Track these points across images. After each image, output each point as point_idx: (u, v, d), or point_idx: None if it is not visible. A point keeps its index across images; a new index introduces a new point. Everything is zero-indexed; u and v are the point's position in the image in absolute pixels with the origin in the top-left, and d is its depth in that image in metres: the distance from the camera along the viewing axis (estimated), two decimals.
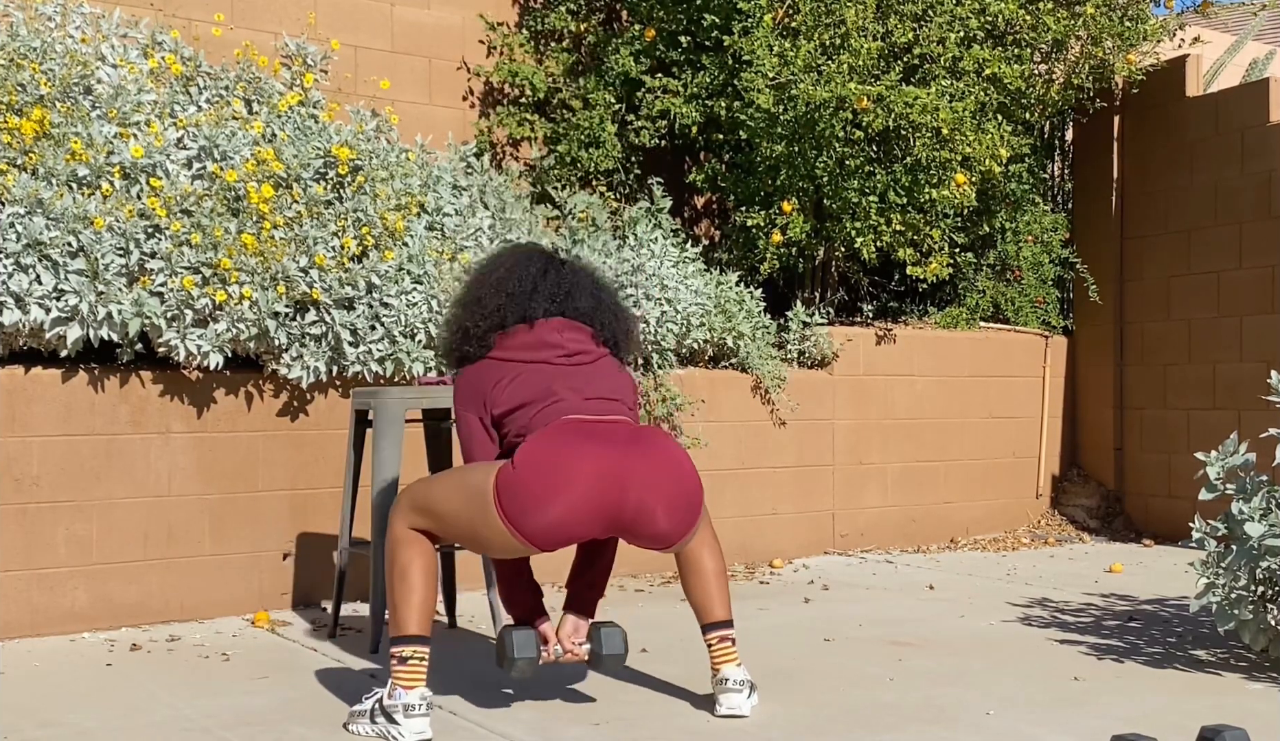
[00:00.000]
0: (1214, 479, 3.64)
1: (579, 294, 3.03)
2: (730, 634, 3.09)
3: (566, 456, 2.76)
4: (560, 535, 2.79)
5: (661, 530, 2.87)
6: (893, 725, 2.99)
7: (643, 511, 2.82)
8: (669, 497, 2.85)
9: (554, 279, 3.03)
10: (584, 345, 3.00)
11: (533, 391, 2.90)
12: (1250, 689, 3.36)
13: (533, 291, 3.00)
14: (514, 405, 2.90)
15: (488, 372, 2.95)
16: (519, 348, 2.96)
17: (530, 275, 3.02)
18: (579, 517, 2.78)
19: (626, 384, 3.03)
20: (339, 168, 4.68)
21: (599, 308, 3.06)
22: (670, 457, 2.88)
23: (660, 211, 5.80)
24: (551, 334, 2.97)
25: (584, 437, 2.81)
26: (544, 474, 2.74)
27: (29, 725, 2.98)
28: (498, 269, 3.06)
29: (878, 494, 6.14)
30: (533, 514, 2.74)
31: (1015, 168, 6.34)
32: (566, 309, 3.00)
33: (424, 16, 6.20)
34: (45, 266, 3.96)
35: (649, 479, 2.82)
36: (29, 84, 4.40)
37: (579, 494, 2.75)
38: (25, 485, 4.00)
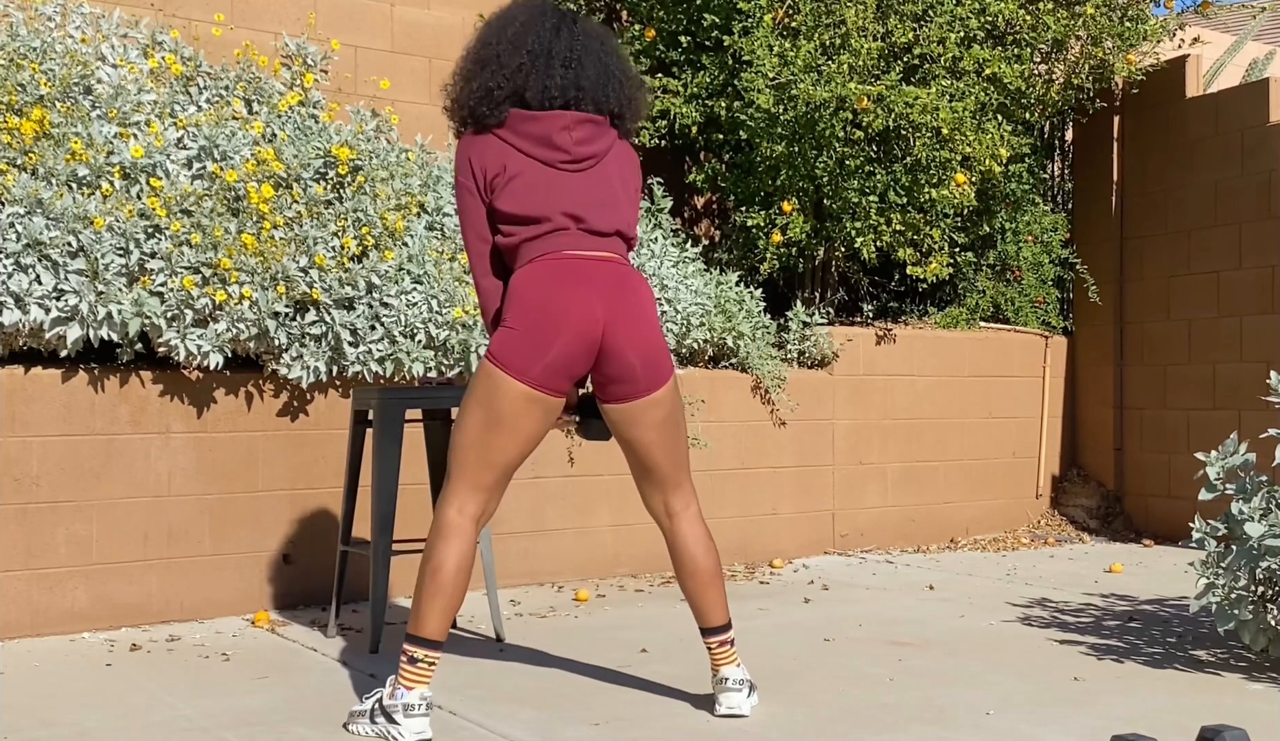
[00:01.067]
0: (1214, 479, 3.64)
1: (589, 58, 3.00)
2: (729, 637, 3.09)
3: (555, 304, 2.85)
4: (560, 375, 2.87)
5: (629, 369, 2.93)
6: (893, 725, 2.99)
7: (614, 349, 2.91)
8: (641, 345, 2.94)
9: (567, 38, 2.99)
10: (591, 145, 2.97)
11: (532, 204, 2.90)
12: (1250, 689, 3.36)
13: (549, 52, 2.96)
14: (512, 211, 2.90)
15: (493, 152, 2.93)
16: (528, 138, 2.93)
17: (545, 33, 2.99)
18: (572, 357, 2.87)
19: (630, 187, 3.04)
20: (339, 168, 4.68)
21: (605, 73, 3.02)
22: (645, 312, 2.96)
23: (660, 211, 5.80)
24: (561, 133, 2.94)
25: (572, 281, 2.88)
26: (536, 327, 2.84)
27: (29, 725, 2.98)
28: (513, 23, 3.01)
29: (878, 494, 6.14)
30: (534, 363, 2.84)
31: (1015, 168, 6.34)
32: (579, 75, 2.97)
33: (424, 16, 6.20)
34: (45, 266, 3.96)
35: (625, 323, 2.91)
36: (29, 84, 4.40)
37: (568, 339, 2.85)
38: (25, 485, 4.00)
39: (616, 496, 5.21)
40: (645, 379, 2.96)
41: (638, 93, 3.11)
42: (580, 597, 4.70)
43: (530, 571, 5.01)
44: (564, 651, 3.79)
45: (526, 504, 4.99)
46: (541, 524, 5.05)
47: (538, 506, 5.03)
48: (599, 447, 5.09)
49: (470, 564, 2.89)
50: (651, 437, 3.01)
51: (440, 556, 2.86)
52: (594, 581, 5.14)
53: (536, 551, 5.04)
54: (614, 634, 4.06)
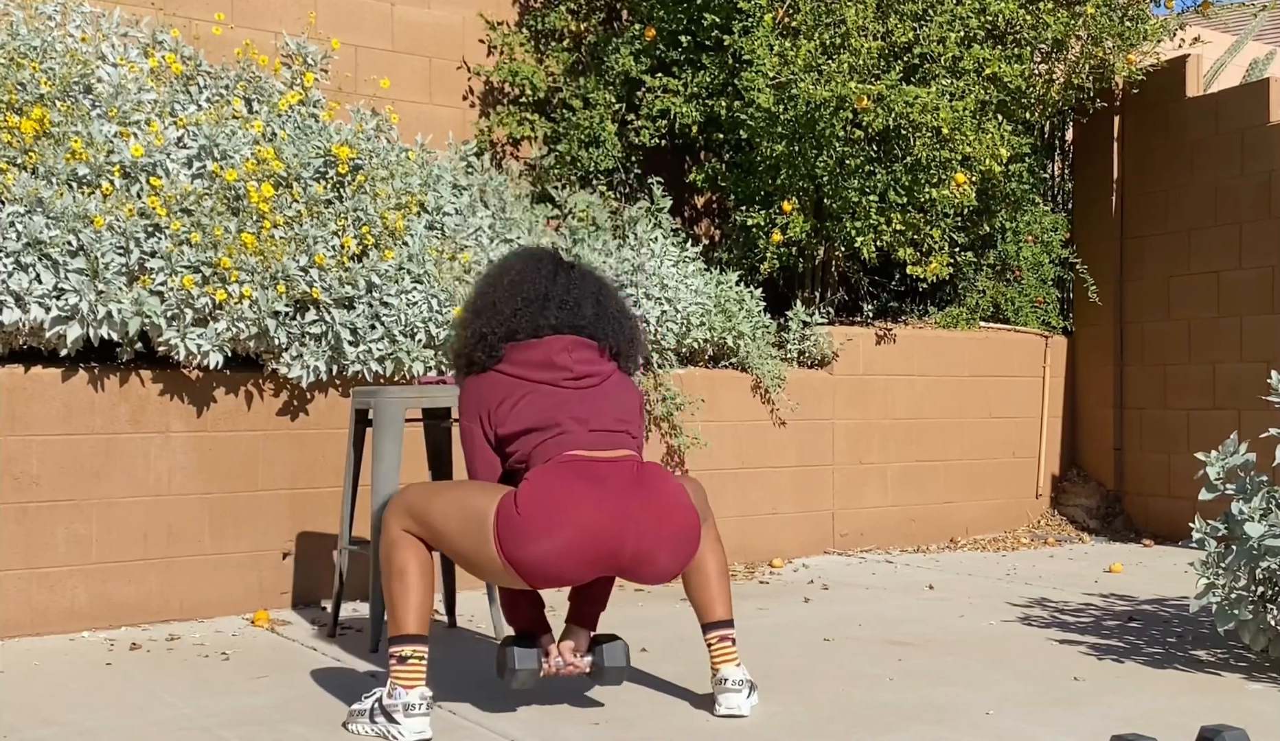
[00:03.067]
0: (1214, 479, 3.64)
1: (585, 300, 3.03)
2: (730, 633, 3.09)
3: (567, 503, 2.77)
4: (555, 578, 2.81)
5: (660, 570, 2.89)
6: (893, 725, 2.99)
7: (641, 556, 2.84)
8: (669, 539, 2.87)
9: (564, 283, 3.03)
10: (592, 366, 2.99)
11: (538, 417, 2.89)
12: (1250, 689, 3.36)
13: (545, 296, 3.00)
14: (519, 429, 2.89)
15: (495, 388, 2.95)
16: (527, 365, 2.95)
17: (541, 279, 3.02)
18: (575, 563, 2.79)
19: (633, 406, 3.02)
20: (339, 167, 4.68)
21: (602, 315, 3.05)
22: (669, 501, 2.89)
23: (660, 211, 5.80)
24: (561, 354, 2.96)
25: (586, 481, 2.81)
26: (544, 518, 2.75)
27: (29, 724, 2.98)
28: (509, 273, 3.06)
29: (878, 494, 6.15)
30: (529, 554, 2.75)
31: (1015, 167, 6.33)
32: (575, 317, 3.00)
33: (424, 16, 6.20)
34: (45, 265, 3.96)
35: (648, 525, 2.84)
36: (29, 83, 4.40)
37: (576, 541, 2.77)
38: (25, 484, 4.00)
39: None
40: (682, 564, 2.94)
41: (637, 332, 3.13)
42: None
43: None
44: None
45: None
46: None
47: None
48: None
49: (430, 563, 2.91)
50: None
51: (400, 561, 2.88)
52: None
53: None
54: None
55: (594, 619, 3.11)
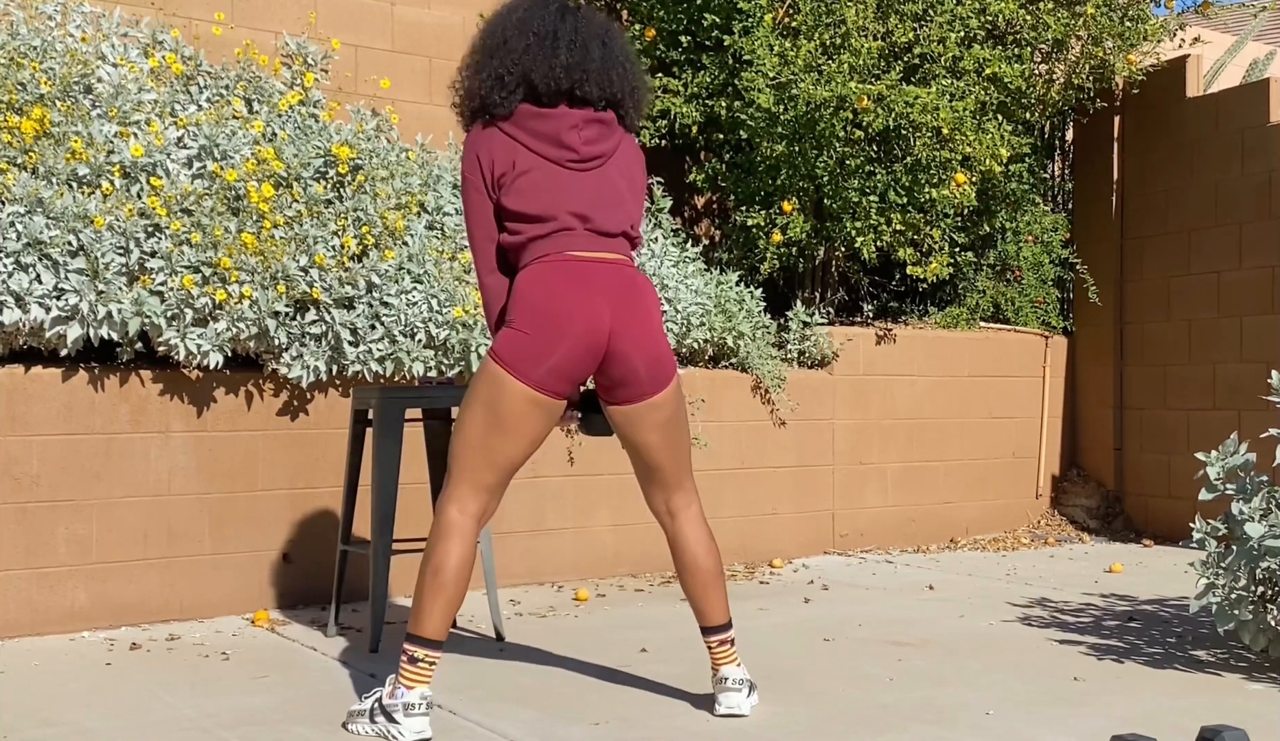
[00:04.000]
0: (1214, 479, 3.64)
1: (592, 41, 3.01)
2: (729, 636, 3.09)
3: (561, 307, 2.86)
4: (564, 378, 2.88)
5: (635, 370, 2.94)
6: (893, 725, 2.99)
7: (618, 354, 2.92)
8: (647, 351, 2.95)
9: (571, 23, 3.00)
10: (599, 145, 2.98)
11: (539, 204, 2.91)
12: (1250, 689, 3.36)
13: (555, 34, 2.97)
14: (518, 210, 2.91)
15: (503, 147, 2.93)
16: (537, 135, 2.93)
17: (550, 17, 3.00)
18: (576, 360, 2.88)
19: (636, 186, 3.05)
20: (339, 167, 4.68)
21: (609, 57, 3.02)
22: (651, 321, 2.97)
23: (660, 211, 5.80)
24: (569, 133, 2.94)
25: (578, 283, 2.88)
26: (541, 329, 2.85)
27: (29, 724, 2.98)
28: (516, 11, 3.03)
29: (877, 494, 6.14)
30: (539, 365, 2.85)
31: (1015, 167, 6.34)
32: (584, 58, 2.97)
33: (424, 16, 6.20)
34: (45, 265, 3.96)
35: (629, 328, 2.92)
36: (29, 83, 4.40)
37: (573, 342, 2.86)
38: (25, 484, 4.00)
39: (616, 496, 5.20)
40: (649, 382, 2.96)
41: (641, 79, 3.13)
42: (580, 597, 4.70)
43: (530, 571, 5.01)
44: (564, 651, 3.79)
45: (526, 503, 4.99)
46: (541, 523, 5.05)
47: (538, 506, 5.03)
48: (599, 447, 5.09)
49: (471, 563, 2.89)
50: (655, 439, 3.01)
51: (441, 556, 2.86)
52: (594, 581, 5.14)
53: (536, 551, 5.04)
54: (614, 633, 4.06)
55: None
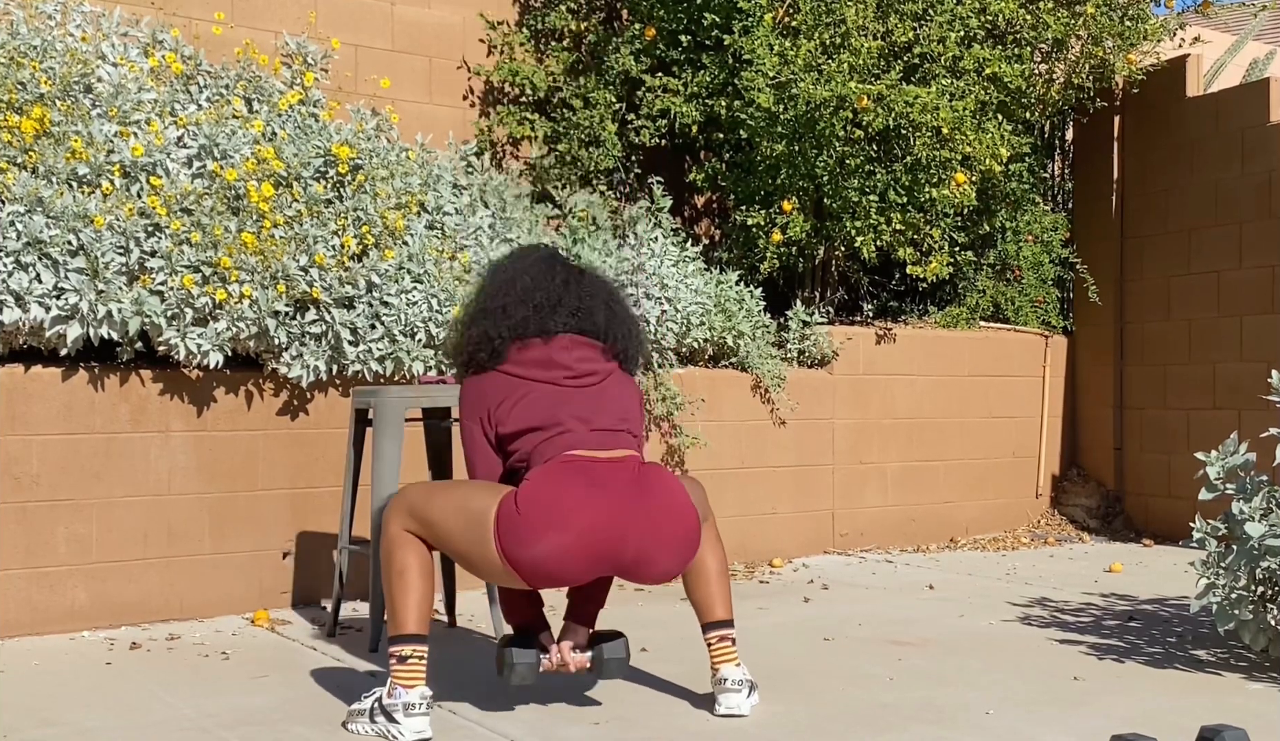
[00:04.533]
0: (1214, 479, 3.64)
1: (597, 308, 3.03)
2: (730, 633, 3.09)
3: (568, 503, 2.77)
4: (556, 578, 2.82)
5: (660, 571, 2.90)
6: (893, 725, 2.99)
7: (642, 557, 2.84)
8: (670, 541, 2.87)
9: (575, 291, 3.03)
10: (593, 365, 2.99)
11: (539, 416, 2.89)
12: (1250, 689, 3.36)
13: (557, 304, 2.99)
14: (519, 428, 2.89)
15: (495, 388, 2.95)
16: (529, 364, 2.95)
17: (555, 286, 3.01)
18: (576, 563, 2.79)
19: (633, 404, 3.03)
20: (339, 166, 4.68)
21: (613, 321, 3.06)
22: (670, 502, 2.89)
23: (660, 210, 5.80)
24: (561, 353, 2.96)
25: (586, 482, 2.81)
26: (545, 517, 2.75)
27: (29, 724, 2.98)
28: (522, 277, 3.03)
29: (877, 493, 6.14)
30: (530, 555, 2.75)
31: (1015, 167, 6.34)
32: (585, 324, 3.00)
33: (424, 15, 6.20)
34: (45, 265, 3.96)
35: (649, 526, 2.84)
36: (29, 82, 4.40)
37: (577, 541, 2.77)
38: (25, 484, 4.00)
39: None
40: (682, 564, 2.94)
41: (643, 339, 3.15)
42: None
43: None
44: None
45: None
46: None
47: None
48: None
49: (431, 562, 2.91)
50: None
51: (401, 560, 2.88)
52: None
53: None
54: None
55: (593, 617, 3.11)
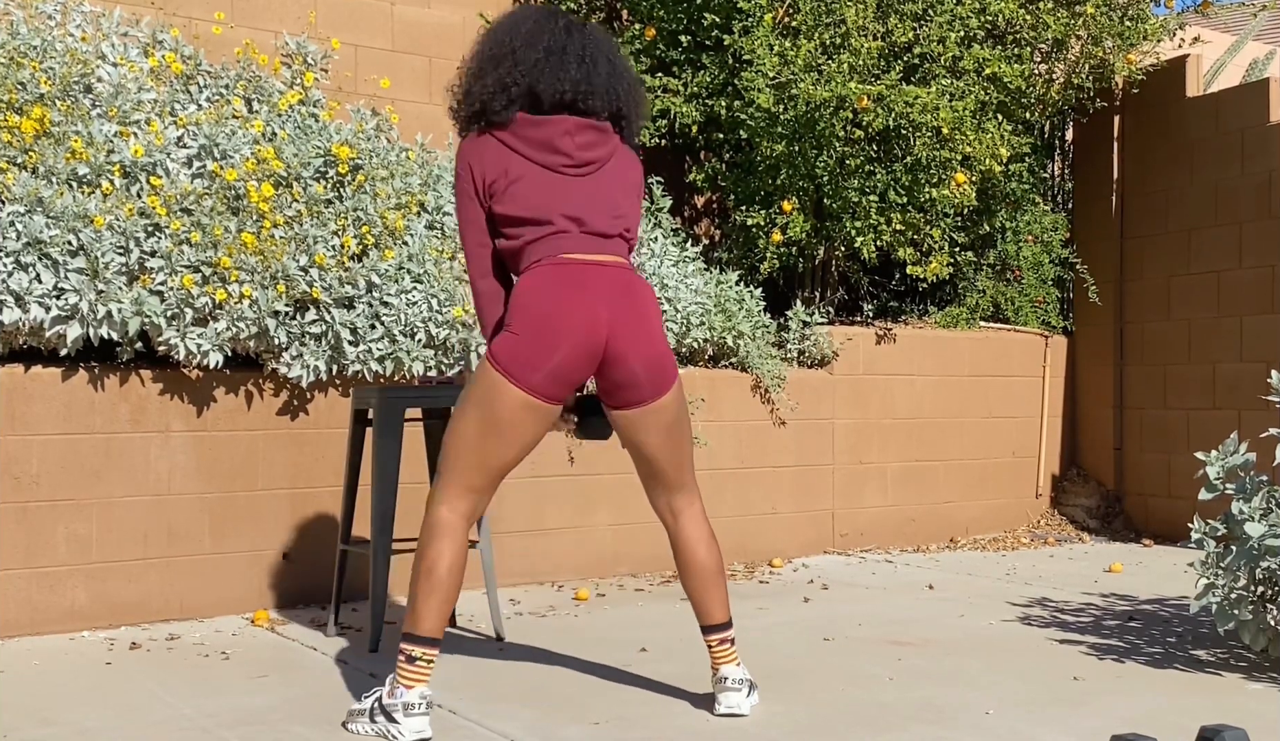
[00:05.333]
0: (1214, 479, 3.63)
1: (599, 58, 3.01)
2: (729, 635, 3.09)
3: (559, 311, 2.84)
4: (560, 383, 2.87)
5: (635, 374, 2.93)
6: (892, 725, 2.99)
7: (617, 355, 2.90)
8: (646, 353, 2.93)
9: (579, 40, 3.01)
10: (593, 151, 2.97)
11: (533, 207, 2.89)
12: (1250, 689, 3.36)
13: (564, 49, 2.97)
14: (512, 214, 2.90)
15: (496, 156, 2.92)
16: (531, 143, 2.92)
17: (559, 30, 2.99)
18: (574, 364, 2.86)
19: (631, 193, 3.03)
20: (339, 166, 4.68)
21: (615, 74, 3.03)
22: (650, 323, 2.95)
23: (660, 211, 5.80)
24: (563, 138, 2.93)
25: (576, 286, 2.87)
26: (539, 334, 2.83)
27: (28, 724, 2.98)
28: (525, 23, 3.01)
29: (877, 493, 6.14)
30: (535, 370, 2.83)
31: (1015, 167, 6.34)
32: (591, 73, 2.97)
33: (424, 15, 6.20)
34: (45, 265, 3.96)
35: (628, 332, 2.90)
36: (29, 82, 4.40)
37: (571, 346, 2.85)
38: (25, 484, 4.00)
39: (616, 495, 5.20)
40: (650, 385, 2.96)
41: (644, 97, 3.13)
42: (580, 597, 4.70)
43: (530, 570, 5.01)
44: (564, 650, 3.79)
45: (526, 503, 4.99)
46: (541, 523, 5.05)
47: (537, 505, 5.03)
48: (599, 447, 5.08)
49: (463, 560, 2.90)
50: (657, 442, 3.01)
51: (433, 555, 2.87)
52: (594, 580, 5.14)
53: (536, 550, 5.04)
54: (614, 633, 4.06)
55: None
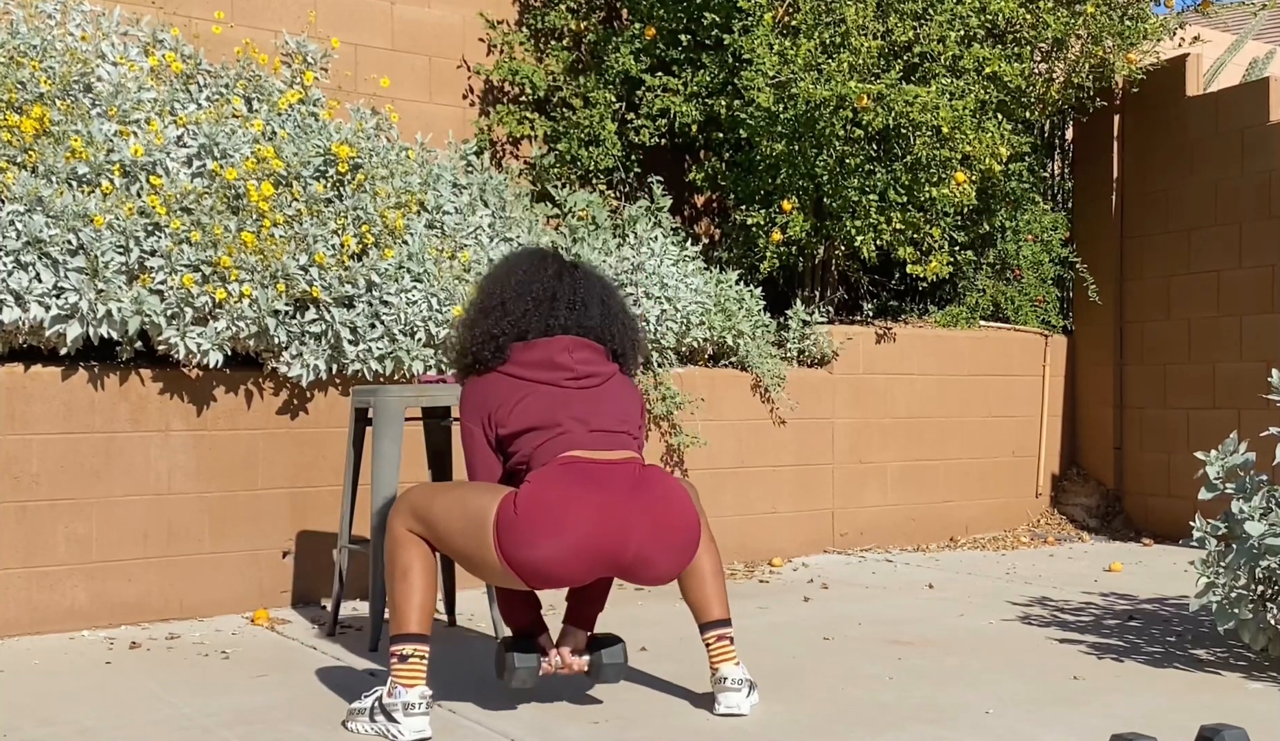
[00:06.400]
0: (1214, 478, 3.63)
1: (592, 300, 3.04)
2: (728, 633, 3.09)
3: (568, 506, 2.77)
4: (555, 580, 2.82)
5: (661, 573, 2.91)
6: (892, 724, 2.99)
7: (641, 559, 2.85)
8: (669, 543, 2.88)
9: (569, 284, 3.04)
10: (593, 366, 2.99)
11: (539, 417, 2.90)
12: (1250, 688, 3.36)
13: (554, 296, 3.01)
14: (519, 428, 2.90)
15: (497, 389, 2.95)
16: (530, 365, 2.95)
17: (548, 279, 3.03)
18: (575, 564, 2.80)
19: (633, 406, 3.03)
20: (339, 166, 4.67)
21: (609, 315, 3.06)
22: (670, 504, 2.90)
23: (660, 210, 5.80)
24: (561, 354, 2.96)
25: (586, 484, 2.81)
26: (544, 520, 2.75)
27: (28, 723, 2.98)
28: (515, 272, 3.06)
29: (877, 493, 6.14)
30: (529, 557, 2.76)
31: (1015, 166, 6.33)
32: (583, 318, 3.01)
33: (424, 14, 6.20)
34: (45, 264, 3.96)
35: (649, 528, 2.84)
36: (29, 82, 4.40)
37: (576, 543, 2.77)
38: (25, 483, 4.00)
39: None
40: (681, 566, 2.95)
41: (639, 333, 3.15)
42: None
43: None
44: None
45: None
46: None
47: None
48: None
49: (434, 563, 2.93)
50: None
51: (405, 561, 2.89)
52: None
53: None
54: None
55: (592, 620, 3.11)
